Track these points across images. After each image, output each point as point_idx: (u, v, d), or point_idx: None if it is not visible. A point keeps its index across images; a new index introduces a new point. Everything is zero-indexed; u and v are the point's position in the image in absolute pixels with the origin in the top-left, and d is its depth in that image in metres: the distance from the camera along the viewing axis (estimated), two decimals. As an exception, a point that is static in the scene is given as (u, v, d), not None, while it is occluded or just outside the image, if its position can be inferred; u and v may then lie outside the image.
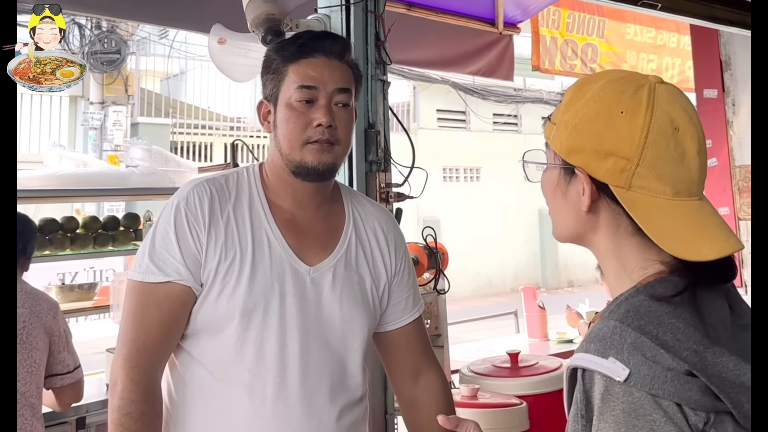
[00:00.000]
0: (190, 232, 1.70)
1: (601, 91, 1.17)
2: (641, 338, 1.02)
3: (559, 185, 1.23)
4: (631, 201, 1.12)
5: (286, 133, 1.74)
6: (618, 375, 1.00)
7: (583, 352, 1.06)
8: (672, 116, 1.13)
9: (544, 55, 6.16)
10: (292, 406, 1.70)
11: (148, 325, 1.68)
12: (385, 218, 1.96)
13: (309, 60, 1.76)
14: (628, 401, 1.00)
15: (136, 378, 1.65)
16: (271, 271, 1.73)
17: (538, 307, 5.34)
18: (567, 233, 1.26)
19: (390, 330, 1.93)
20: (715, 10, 4.28)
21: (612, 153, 1.13)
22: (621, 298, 1.12)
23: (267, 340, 1.70)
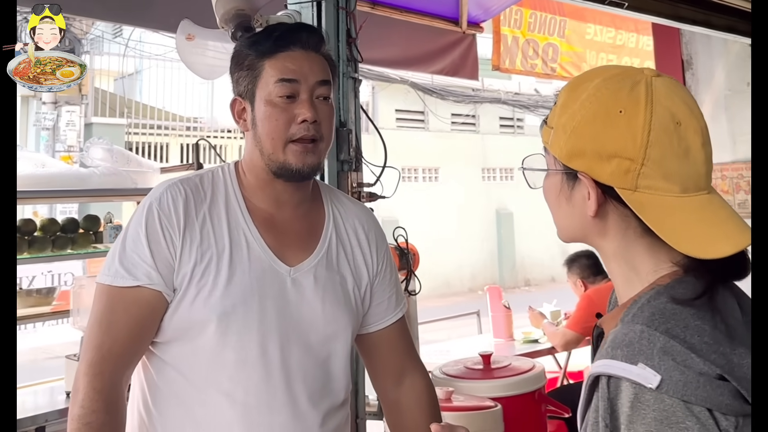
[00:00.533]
0: (163, 234, 1.63)
1: (596, 91, 1.13)
2: (670, 342, 0.99)
3: (562, 191, 1.19)
4: (639, 202, 1.08)
5: (268, 131, 1.67)
6: (649, 382, 0.96)
7: (609, 359, 1.02)
8: (672, 111, 1.09)
9: (505, 55, 6.16)
10: (275, 413, 1.63)
11: (115, 331, 1.60)
12: (365, 216, 1.90)
13: (286, 53, 1.68)
14: (660, 408, 0.96)
15: (98, 386, 1.56)
16: (250, 272, 1.66)
17: (504, 307, 5.32)
18: (573, 236, 1.23)
19: (373, 331, 1.88)
20: (680, 9, 4.31)
21: (615, 154, 1.09)
22: (642, 301, 1.08)
23: (247, 345, 1.63)
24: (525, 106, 20.43)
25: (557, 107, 1.19)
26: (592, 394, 1.06)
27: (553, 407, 3.10)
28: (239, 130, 1.77)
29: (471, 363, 3.28)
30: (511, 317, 5.37)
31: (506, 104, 19.40)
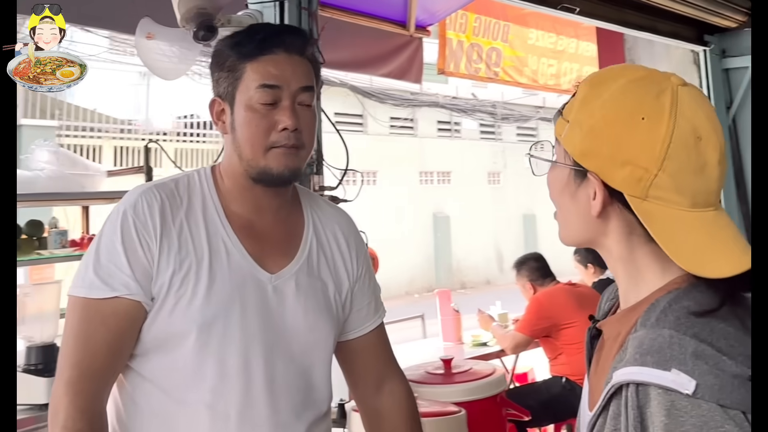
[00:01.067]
0: (139, 242, 1.56)
1: (620, 93, 1.10)
2: (701, 346, 0.96)
3: (568, 186, 1.17)
4: (647, 212, 1.07)
5: (247, 137, 1.61)
6: (685, 388, 0.94)
7: (639, 366, 0.99)
8: (695, 124, 1.07)
9: (450, 59, 6.17)
10: (257, 425, 1.58)
11: (94, 346, 1.52)
12: (344, 221, 1.86)
13: (269, 57, 1.62)
14: (698, 415, 0.93)
15: (81, 405, 1.49)
16: (230, 280, 1.60)
17: (453, 310, 5.34)
18: (575, 237, 1.20)
19: (352, 338, 1.84)
20: (627, 15, 4.39)
21: (630, 162, 1.06)
22: (662, 305, 1.05)
23: (229, 355, 1.57)
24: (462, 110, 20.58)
25: (576, 101, 1.16)
26: (609, 402, 1.04)
27: (514, 410, 3.12)
28: (173, 133, 1.72)
29: (432, 368, 3.28)
30: (460, 320, 5.39)
31: (444, 108, 19.52)
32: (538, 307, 4.62)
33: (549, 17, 6.91)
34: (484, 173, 22.41)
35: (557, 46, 7.29)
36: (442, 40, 6.09)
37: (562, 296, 4.61)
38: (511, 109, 22.30)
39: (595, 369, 1.21)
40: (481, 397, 2.98)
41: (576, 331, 4.44)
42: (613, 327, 1.17)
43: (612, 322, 1.18)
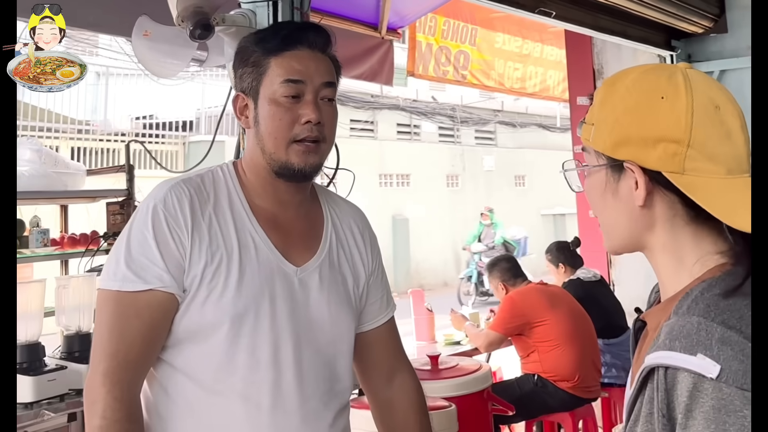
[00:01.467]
0: (171, 236, 1.58)
1: (635, 83, 1.17)
2: (728, 333, 1.00)
3: (608, 185, 1.20)
4: (689, 184, 1.10)
5: (271, 130, 1.65)
6: (709, 372, 0.97)
7: (667, 350, 1.03)
8: (710, 95, 1.13)
9: (419, 61, 6.25)
10: (289, 414, 1.62)
11: (129, 337, 1.56)
12: (359, 216, 1.91)
13: (294, 52, 1.66)
14: (718, 397, 0.97)
15: (119, 395, 1.52)
16: (259, 273, 1.63)
17: (427, 309, 5.39)
18: (622, 239, 1.23)
19: (366, 330, 1.88)
20: (600, 20, 4.48)
21: (661, 138, 1.11)
22: (694, 293, 1.09)
23: (260, 346, 1.61)
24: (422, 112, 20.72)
25: (595, 105, 1.22)
26: (644, 385, 1.08)
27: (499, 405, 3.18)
28: (131, 133, 1.75)
29: (418, 364, 3.32)
30: (433, 320, 5.43)
31: (404, 111, 19.62)
32: (511, 305, 4.68)
33: (516, 21, 7.03)
34: (443, 176, 22.53)
35: (523, 50, 7.42)
36: (412, 42, 6.16)
37: (535, 295, 4.68)
38: (470, 112, 22.49)
39: (637, 357, 1.25)
40: (469, 392, 3.03)
41: (547, 329, 4.52)
42: (654, 317, 1.21)
43: (654, 313, 1.22)
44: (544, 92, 8.02)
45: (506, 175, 24.19)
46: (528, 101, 20.97)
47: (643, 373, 1.07)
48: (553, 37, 7.58)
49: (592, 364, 4.59)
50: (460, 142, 23.01)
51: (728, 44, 5.39)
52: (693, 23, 5.07)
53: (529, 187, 24.93)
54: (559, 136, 23.55)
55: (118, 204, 3.86)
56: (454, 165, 22.74)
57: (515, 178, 24.71)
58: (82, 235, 3.88)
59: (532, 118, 24.37)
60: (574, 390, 4.47)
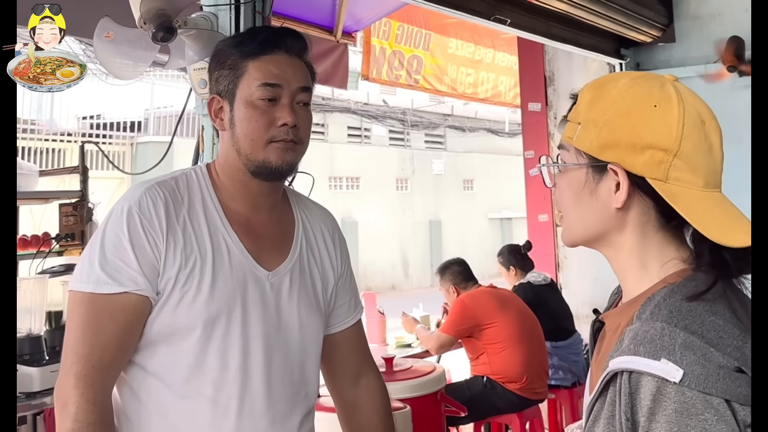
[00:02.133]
0: (146, 238, 1.59)
1: (628, 88, 1.18)
2: (690, 338, 1.03)
3: (587, 184, 1.22)
4: (670, 192, 1.13)
5: (247, 132, 1.66)
6: (672, 376, 1.00)
7: (631, 355, 1.05)
8: (698, 109, 1.16)
9: (373, 65, 6.29)
10: (257, 417, 1.63)
11: (104, 340, 1.55)
12: (329, 220, 1.93)
13: (271, 56, 1.67)
14: (680, 401, 1.00)
15: (92, 398, 1.52)
16: (232, 277, 1.65)
17: (379, 312, 5.41)
18: (586, 234, 1.25)
19: (334, 333, 1.90)
20: (553, 28, 4.56)
21: (650, 146, 1.13)
22: (657, 299, 1.12)
23: (230, 350, 1.62)
24: (373, 116, 20.77)
25: (582, 105, 1.23)
26: (606, 388, 1.11)
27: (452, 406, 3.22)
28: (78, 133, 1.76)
29: (372, 366, 3.35)
30: (385, 322, 5.46)
31: (355, 114, 19.64)
32: (462, 308, 4.73)
33: (469, 27, 7.10)
34: (392, 179, 22.62)
35: (475, 56, 7.49)
36: (366, 46, 6.19)
37: (485, 298, 4.73)
38: (421, 116, 22.60)
39: (596, 358, 1.28)
40: (423, 394, 3.07)
41: (497, 331, 4.57)
42: (614, 319, 1.24)
43: (613, 315, 1.26)
44: (496, 98, 8.12)
45: (455, 179, 24.37)
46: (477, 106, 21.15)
47: (607, 377, 1.10)
48: (505, 43, 7.67)
49: (540, 366, 4.66)
50: (410, 145, 23.13)
51: (676, 53, 5.52)
52: (642, 32, 5.19)
53: (477, 191, 25.14)
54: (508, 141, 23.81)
55: (72, 205, 3.82)
56: (403, 168, 22.85)
57: (464, 182, 24.91)
58: (33, 236, 3.83)
59: (481, 122, 24.61)
60: (522, 391, 4.53)
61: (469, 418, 4.55)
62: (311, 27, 5.27)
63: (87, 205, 3.81)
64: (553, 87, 5.89)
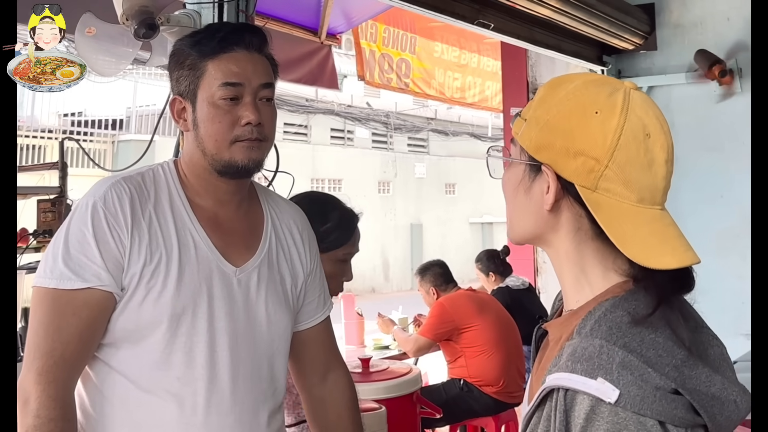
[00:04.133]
0: (110, 234, 1.57)
1: (577, 90, 1.15)
2: (629, 357, 1.01)
3: (522, 182, 1.20)
4: (596, 202, 1.11)
5: (211, 132, 1.65)
6: (608, 396, 0.99)
7: (569, 372, 1.03)
8: (645, 122, 1.11)
9: (366, 67, 6.29)
10: (223, 414, 1.62)
11: (66, 336, 1.53)
12: (298, 216, 1.92)
13: (230, 54, 1.66)
14: (613, 421, 0.98)
15: (53, 394, 1.50)
16: (198, 273, 1.64)
17: (357, 314, 5.42)
18: (524, 233, 1.24)
19: (302, 329, 1.89)
20: (536, 33, 4.58)
21: (582, 152, 1.11)
22: (598, 314, 1.10)
23: (196, 346, 1.61)
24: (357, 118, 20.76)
25: (534, 101, 1.21)
26: (543, 403, 1.09)
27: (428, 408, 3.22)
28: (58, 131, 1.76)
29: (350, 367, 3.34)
30: (363, 324, 5.46)
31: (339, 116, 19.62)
32: (441, 311, 4.74)
33: (454, 31, 7.12)
34: (374, 182, 22.63)
35: (461, 60, 7.50)
36: (357, 48, 6.20)
37: (464, 301, 4.74)
38: (404, 119, 22.63)
39: (537, 367, 1.26)
40: (398, 395, 3.07)
41: (475, 334, 4.59)
42: (556, 329, 1.22)
43: (555, 325, 1.23)
44: (483, 102, 8.13)
45: (437, 183, 24.42)
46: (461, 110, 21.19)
47: (543, 392, 1.08)
48: (489, 48, 7.69)
49: (516, 370, 4.68)
50: (392, 148, 23.16)
51: (657, 61, 5.55)
52: (624, 40, 5.22)
53: (458, 195, 25.20)
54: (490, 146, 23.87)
55: (50, 201, 3.78)
56: (386, 171, 22.87)
57: (445, 186, 24.96)
58: (10, 231, 3.80)
59: (464, 127, 24.67)
60: (499, 395, 4.55)
61: (444, 420, 4.56)
62: (295, 28, 5.26)
63: (65, 202, 3.77)
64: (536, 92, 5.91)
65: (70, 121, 16.22)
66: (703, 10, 5.42)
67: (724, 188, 4.92)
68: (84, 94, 15.17)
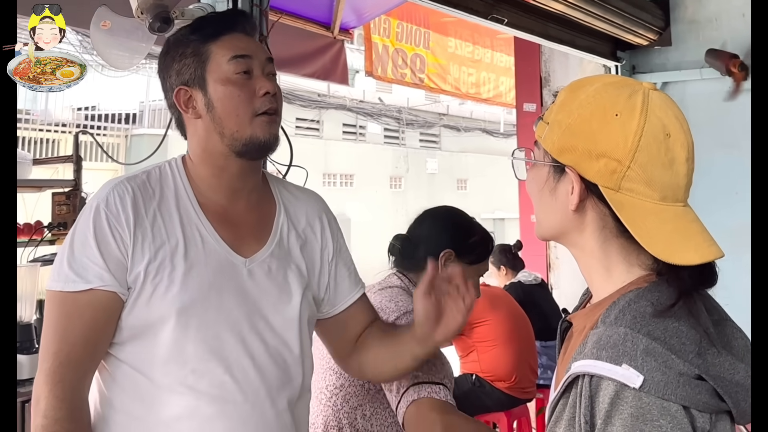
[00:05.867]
0: (112, 235, 1.59)
1: (596, 93, 1.19)
2: (652, 344, 1.05)
3: (547, 183, 1.24)
4: (619, 202, 1.15)
5: (230, 109, 1.66)
6: (633, 382, 1.02)
7: (594, 359, 1.07)
8: (664, 122, 1.15)
9: (377, 63, 6.29)
10: (239, 404, 1.63)
11: (72, 337, 1.56)
12: (315, 201, 1.92)
13: (232, 35, 1.71)
14: (637, 406, 1.02)
15: (60, 394, 1.53)
16: (206, 266, 1.65)
17: (369, 308, 5.42)
18: (551, 231, 1.28)
19: (339, 312, 1.89)
20: (550, 29, 4.57)
21: (604, 154, 1.15)
22: (621, 304, 1.14)
23: (208, 338, 1.62)
24: (369, 113, 20.75)
25: (555, 105, 1.25)
26: (568, 390, 1.12)
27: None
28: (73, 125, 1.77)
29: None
30: (376, 318, 5.46)
31: (351, 111, 19.61)
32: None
33: (467, 27, 7.11)
34: (386, 177, 22.61)
35: (475, 56, 7.49)
36: (367, 43, 6.20)
37: (476, 296, 4.74)
38: (416, 115, 22.61)
39: (562, 358, 1.30)
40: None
41: (487, 329, 4.58)
42: (580, 320, 1.26)
43: (580, 316, 1.28)
44: (497, 98, 8.14)
45: (449, 179, 24.38)
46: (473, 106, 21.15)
47: (569, 379, 1.11)
48: (503, 43, 7.69)
49: (529, 365, 4.66)
50: (404, 144, 23.13)
51: (672, 57, 5.54)
52: (638, 35, 5.21)
53: (470, 190, 25.15)
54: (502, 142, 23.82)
55: (65, 194, 3.81)
56: (397, 167, 22.85)
57: (457, 182, 24.92)
58: (26, 224, 3.82)
59: (476, 122, 24.62)
60: (511, 390, 4.54)
61: (457, 415, 4.55)
62: (309, 23, 5.27)
63: (80, 195, 3.80)
64: (549, 88, 5.91)
65: (84, 115, 16.26)
66: (719, 6, 5.40)
67: (738, 185, 4.91)
68: (97, 89, 15.20)
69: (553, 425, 1.16)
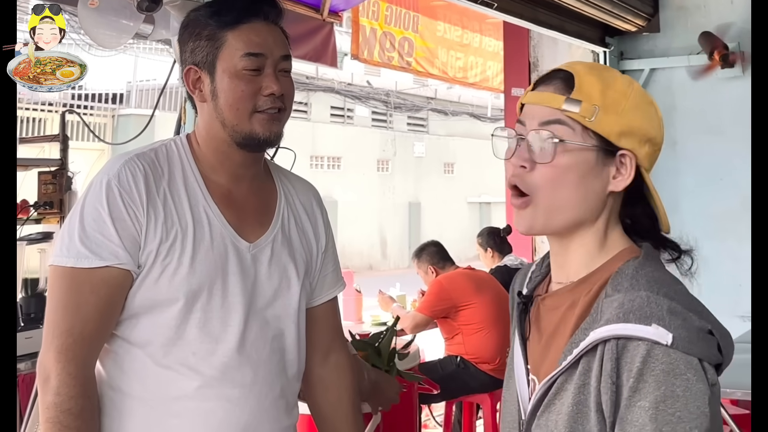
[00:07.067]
0: (126, 212, 1.58)
1: (629, 83, 1.25)
2: (673, 304, 1.11)
3: (594, 167, 1.21)
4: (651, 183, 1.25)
5: (232, 102, 1.65)
6: (665, 339, 1.07)
7: (622, 323, 1.11)
8: None
9: (364, 45, 6.27)
10: (237, 387, 1.64)
11: (85, 314, 1.55)
12: (311, 192, 1.92)
13: (250, 25, 1.65)
14: (667, 362, 1.07)
15: (73, 371, 1.52)
16: (213, 249, 1.65)
17: (355, 291, 5.44)
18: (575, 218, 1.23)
19: (313, 305, 1.88)
20: (539, 13, 4.58)
21: (651, 139, 1.23)
22: (629, 272, 1.18)
23: (211, 321, 1.63)
24: (357, 96, 20.72)
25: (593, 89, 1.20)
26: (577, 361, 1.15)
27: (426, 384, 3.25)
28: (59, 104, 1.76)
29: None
30: (362, 301, 5.48)
31: (339, 94, 19.57)
32: (438, 288, 4.77)
33: (457, 11, 7.10)
34: (373, 160, 22.63)
35: (463, 40, 7.49)
36: (355, 26, 6.17)
37: (462, 279, 4.77)
38: (404, 98, 22.59)
39: (538, 338, 1.29)
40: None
41: (472, 312, 4.63)
42: (563, 297, 1.26)
43: (563, 293, 1.27)
44: (484, 82, 8.14)
45: (436, 162, 24.43)
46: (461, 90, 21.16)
47: (588, 346, 1.14)
48: (491, 28, 7.67)
49: (513, 348, 4.70)
50: (392, 127, 23.14)
51: (660, 43, 5.56)
52: (627, 21, 5.22)
53: (457, 174, 25.21)
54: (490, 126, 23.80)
55: (51, 173, 3.79)
56: (385, 150, 22.86)
57: (444, 166, 24.97)
58: (11, 203, 3.81)
59: (464, 107, 24.64)
60: (495, 372, 4.59)
61: (440, 396, 4.60)
62: (298, 4, 5.24)
63: (66, 174, 3.78)
64: (537, 73, 5.90)
65: (71, 95, 16.15)
66: (708, -7, 5.42)
67: (724, 171, 4.95)
68: (84, 68, 15.09)
69: (552, 398, 1.18)
